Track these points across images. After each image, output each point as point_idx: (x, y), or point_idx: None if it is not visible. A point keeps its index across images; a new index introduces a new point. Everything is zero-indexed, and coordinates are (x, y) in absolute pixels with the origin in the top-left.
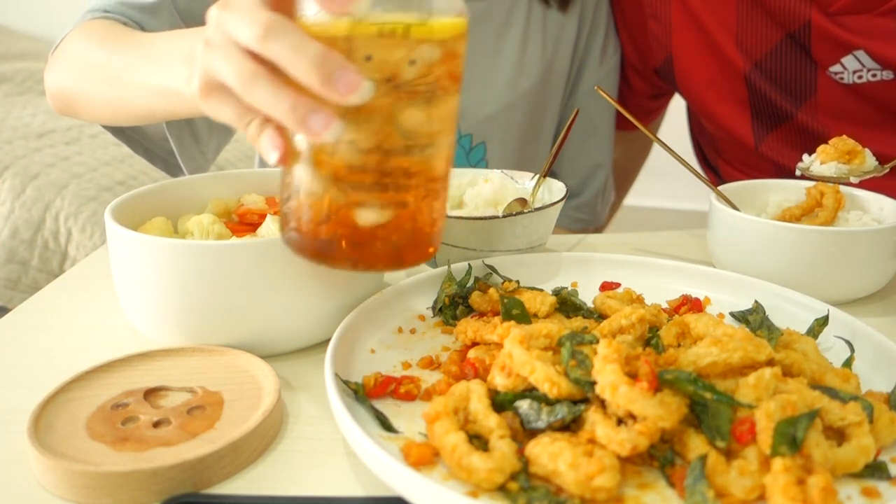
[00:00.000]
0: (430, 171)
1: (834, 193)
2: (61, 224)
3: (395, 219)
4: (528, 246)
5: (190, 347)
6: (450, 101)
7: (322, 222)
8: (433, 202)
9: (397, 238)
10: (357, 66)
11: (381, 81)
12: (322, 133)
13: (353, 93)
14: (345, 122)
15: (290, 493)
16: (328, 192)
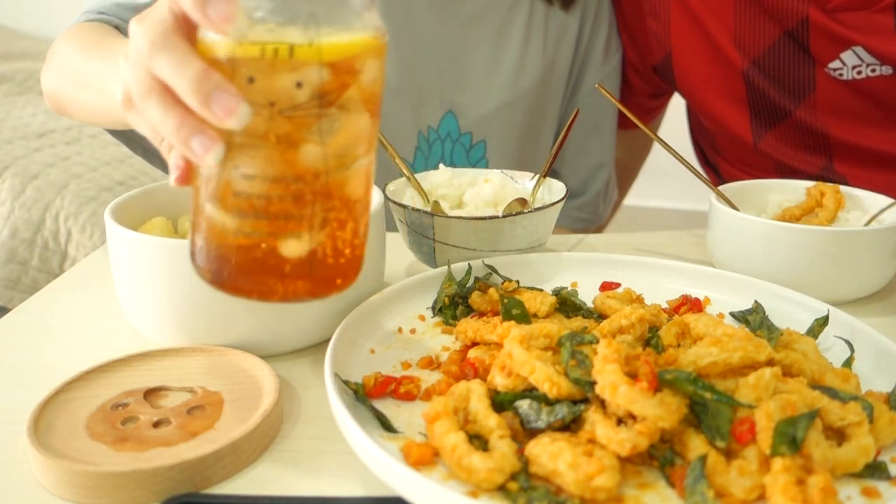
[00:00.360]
0: (326, 201)
1: (834, 193)
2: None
3: (285, 249)
4: (528, 246)
5: (190, 347)
6: (352, 127)
7: (214, 248)
8: (335, 232)
9: (290, 270)
10: (239, 88)
11: (264, 105)
12: (203, 156)
13: (230, 116)
14: (231, 146)
15: (290, 493)
16: (218, 219)
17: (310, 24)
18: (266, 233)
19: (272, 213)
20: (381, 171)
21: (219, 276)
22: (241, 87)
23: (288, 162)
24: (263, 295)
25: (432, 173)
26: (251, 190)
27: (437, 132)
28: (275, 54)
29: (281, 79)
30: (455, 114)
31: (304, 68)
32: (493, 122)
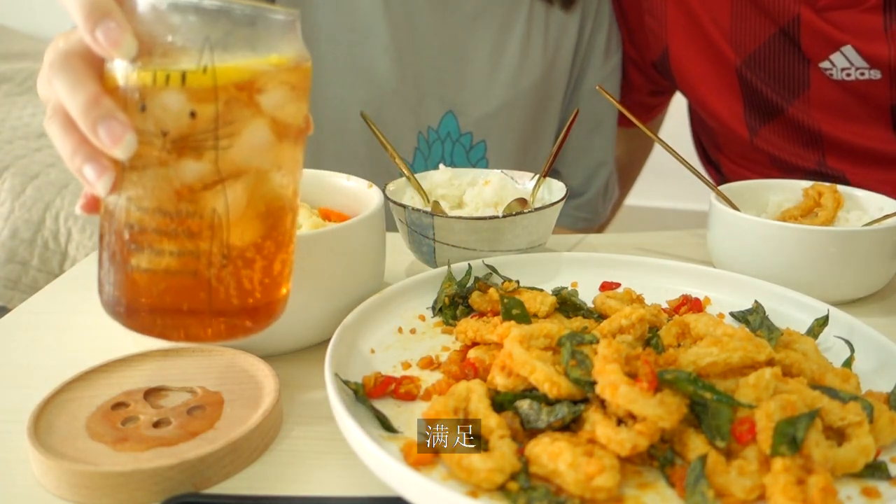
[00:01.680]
0: (226, 238)
1: (832, 193)
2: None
3: (183, 287)
4: (528, 246)
5: (190, 347)
6: (256, 158)
7: (115, 283)
8: (240, 271)
9: (190, 309)
10: (132, 115)
11: (157, 134)
12: (95, 184)
13: (116, 145)
14: (126, 176)
15: (290, 493)
16: (117, 251)
17: (205, 49)
18: (162, 269)
19: (167, 249)
20: (381, 171)
21: (118, 312)
22: (134, 114)
23: (182, 194)
24: (163, 334)
25: (432, 173)
26: (146, 223)
27: (437, 132)
28: (166, 81)
29: (173, 107)
30: (455, 114)
31: (198, 96)
32: (493, 122)
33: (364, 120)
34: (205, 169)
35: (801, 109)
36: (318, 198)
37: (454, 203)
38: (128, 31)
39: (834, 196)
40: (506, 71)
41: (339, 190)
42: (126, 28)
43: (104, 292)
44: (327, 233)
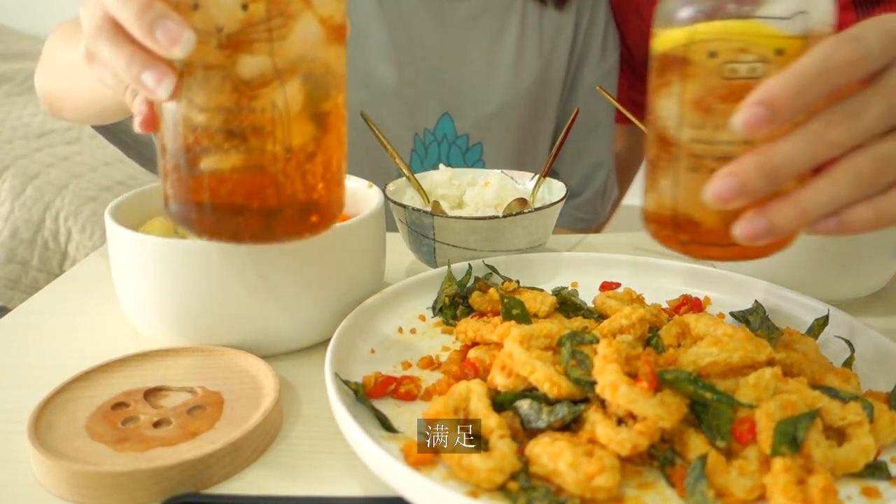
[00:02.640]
0: (288, 132)
1: None
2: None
3: (251, 185)
4: (528, 246)
5: (190, 347)
6: (313, 51)
7: (181, 191)
8: (303, 165)
9: (258, 208)
10: (184, 15)
11: (212, 32)
12: (156, 90)
13: (175, 45)
14: (186, 78)
15: (290, 493)
16: (181, 158)
17: None
18: (229, 168)
19: (233, 148)
20: (380, 173)
21: (188, 220)
22: (186, 14)
23: (242, 91)
24: (235, 236)
25: (432, 173)
26: (209, 124)
27: (434, 134)
28: None
29: (226, 1)
30: (451, 116)
31: None
32: (489, 123)
33: (364, 120)
34: (262, 63)
35: None
36: None
37: (454, 203)
38: None
39: None
40: (502, 73)
41: None
42: None
43: (171, 204)
44: (327, 233)
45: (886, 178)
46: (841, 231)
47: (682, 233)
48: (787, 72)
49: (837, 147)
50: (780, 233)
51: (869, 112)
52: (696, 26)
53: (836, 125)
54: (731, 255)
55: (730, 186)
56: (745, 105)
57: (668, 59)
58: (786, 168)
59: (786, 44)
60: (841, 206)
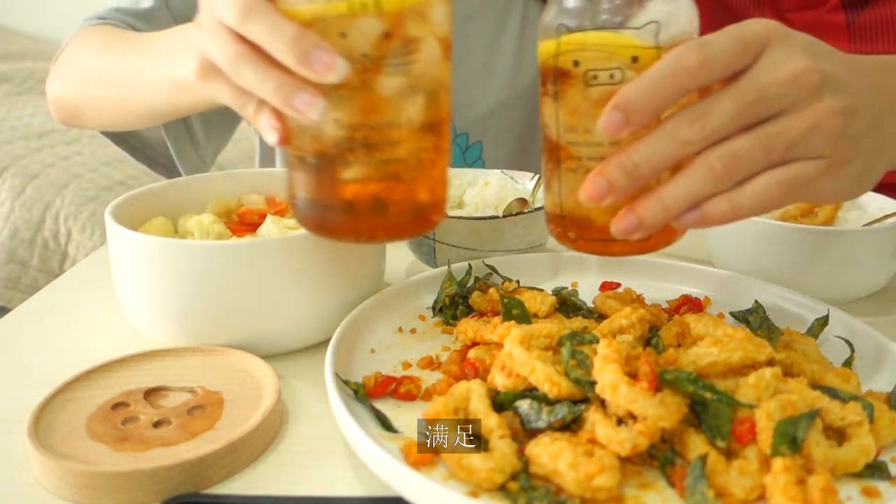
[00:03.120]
0: (419, 142)
1: None
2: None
3: (389, 189)
4: (528, 246)
5: (190, 347)
6: (435, 68)
7: (319, 197)
8: (430, 171)
9: (394, 209)
10: (332, 43)
11: (357, 58)
12: (307, 112)
13: (329, 71)
14: (330, 99)
15: (290, 493)
16: (320, 169)
17: None
18: (370, 177)
19: (373, 159)
20: None
21: (324, 224)
22: (335, 42)
23: (382, 108)
24: (371, 236)
25: None
26: (351, 137)
27: None
28: (363, 8)
29: (370, 31)
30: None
31: (391, 18)
32: (489, 122)
33: None
34: (398, 82)
35: None
36: None
37: (454, 203)
38: None
39: None
40: (501, 71)
41: None
42: None
43: (308, 210)
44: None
45: (738, 173)
46: (703, 223)
47: (571, 230)
48: (640, 77)
49: (690, 145)
50: (648, 227)
51: (719, 111)
52: (562, 38)
53: (689, 124)
54: (618, 251)
55: (598, 186)
56: (605, 110)
57: (544, 69)
58: (645, 166)
59: (640, 52)
60: (699, 200)
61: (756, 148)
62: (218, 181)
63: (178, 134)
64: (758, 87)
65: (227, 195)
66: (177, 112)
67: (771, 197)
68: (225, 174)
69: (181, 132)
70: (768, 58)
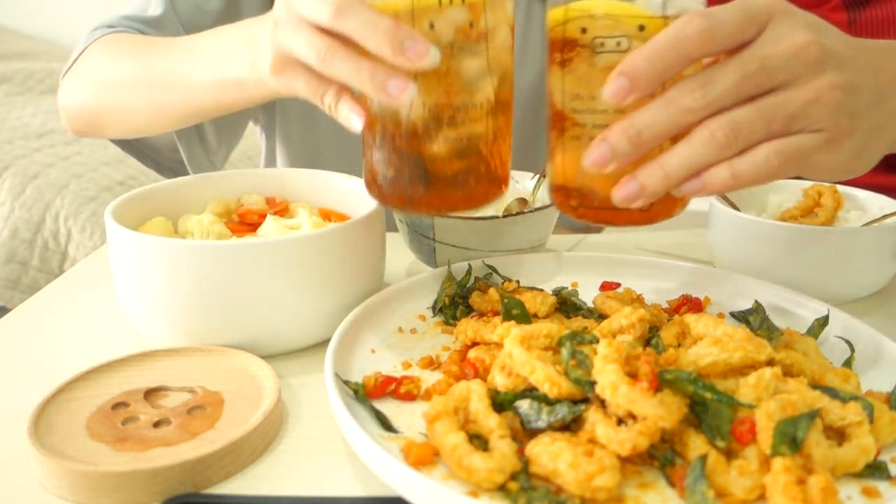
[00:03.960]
0: (494, 119)
1: (832, 193)
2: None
3: (469, 163)
4: (528, 246)
5: (190, 347)
6: (506, 53)
7: (404, 174)
8: (501, 146)
9: (473, 181)
10: (423, 34)
11: (445, 45)
12: (400, 96)
13: (423, 59)
14: (418, 83)
15: (290, 493)
16: (408, 148)
17: None
18: (454, 152)
19: (456, 135)
20: None
21: (410, 198)
22: (424, 33)
23: (464, 90)
24: (453, 207)
25: None
26: (440, 116)
27: None
28: (450, 2)
29: (456, 21)
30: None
31: (474, 9)
32: None
33: None
34: (480, 66)
35: None
36: (318, 198)
37: None
38: None
39: (834, 196)
40: None
41: (339, 190)
42: None
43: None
44: (327, 233)
45: (739, 142)
46: (704, 191)
47: (573, 198)
48: (646, 45)
49: (692, 113)
50: (649, 194)
51: (721, 80)
52: (571, 5)
53: (691, 92)
54: (620, 220)
55: (601, 152)
56: (610, 76)
57: (553, 37)
58: (648, 132)
59: (647, 21)
60: (700, 168)
61: (757, 118)
62: (218, 181)
63: (190, 139)
64: (760, 58)
65: (227, 195)
66: (219, 111)
67: (770, 167)
68: (225, 174)
69: (192, 137)
70: (772, 31)
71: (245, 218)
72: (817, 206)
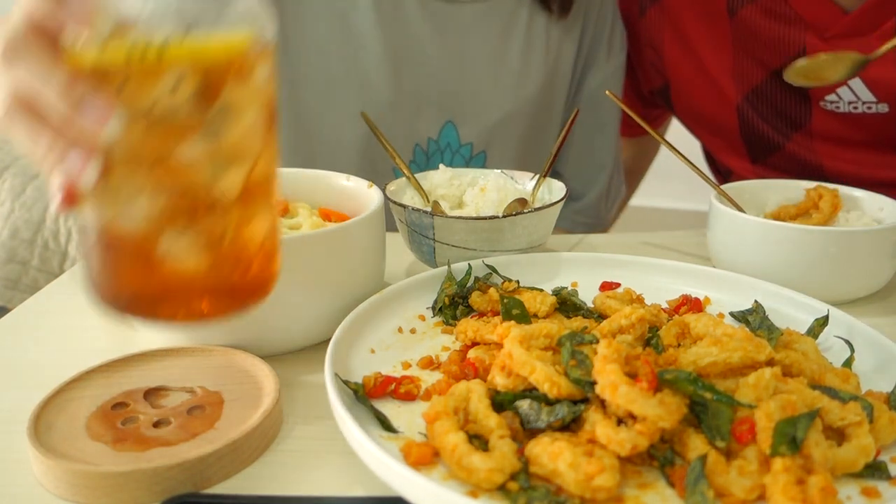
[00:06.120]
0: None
1: (832, 197)
2: (61, 224)
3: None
4: (528, 246)
5: (190, 347)
6: (239, 130)
7: (108, 273)
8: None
9: (193, 288)
10: (111, 95)
11: (140, 113)
12: (79, 175)
13: (102, 126)
14: (112, 160)
15: (290, 493)
16: (108, 241)
17: (180, 21)
18: (166, 251)
19: (167, 231)
20: (384, 171)
21: (116, 302)
22: (113, 94)
23: (172, 171)
24: (169, 317)
25: (432, 173)
26: (139, 205)
27: (437, 143)
28: (143, 57)
29: (153, 82)
30: (455, 124)
31: (178, 69)
32: (494, 131)
33: (364, 120)
34: (192, 143)
35: (800, 143)
36: (318, 198)
37: (454, 203)
38: (95, 7)
39: (833, 200)
40: (507, 80)
41: (339, 190)
42: (93, 3)
43: (97, 285)
44: (327, 233)
45: None
46: None
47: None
48: None
49: None
50: None
51: None
52: None
53: None
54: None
55: None
56: None
57: None
58: None
59: None
60: None
61: None
62: None
63: None
64: None
65: None
66: None
67: None
68: None
69: None
70: None
71: None
72: (814, 208)
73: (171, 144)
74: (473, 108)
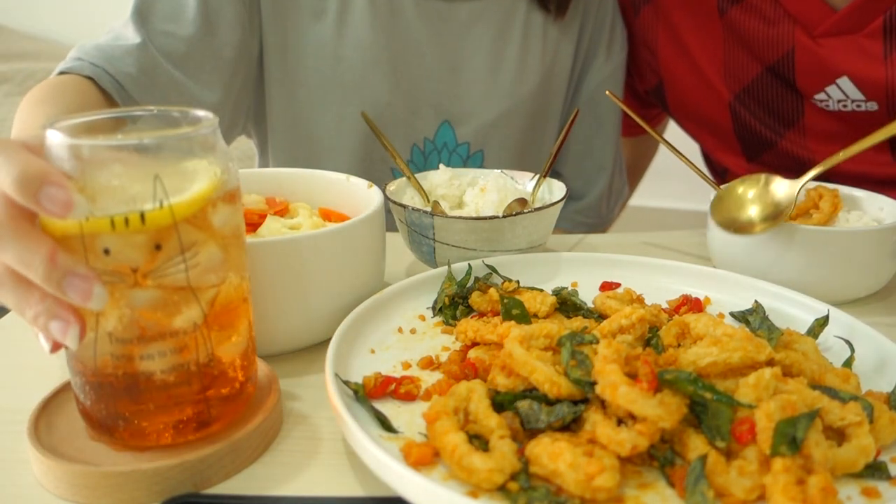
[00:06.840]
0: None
1: (832, 198)
2: None
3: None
4: (528, 246)
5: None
6: (218, 265)
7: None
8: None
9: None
10: (96, 260)
11: (127, 273)
12: (64, 339)
13: (87, 300)
14: (101, 315)
15: (290, 493)
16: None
17: (157, 186)
18: (159, 387)
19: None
20: (380, 172)
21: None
22: (98, 259)
23: (162, 317)
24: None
25: (432, 173)
26: (131, 351)
27: (434, 143)
28: (126, 224)
29: (138, 245)
30: (452, 124)
31: (160, 230)
32: (491, 131)
33: (365, 120)
34: (178, 292)
35: (793, 141)
36: (318, 198)
37: (454, 203)
38: (73, 190)
39: (833, 201)
40: (503, 79)
41: (339, 190)
42: (69, 188)
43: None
44: (327, 233)
45: None
46: None
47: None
48: None
49: None
50: None
51: None
52: None
53: None
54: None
55: None
56: None
57: None
58: None
59: None
60: None
61: None
62: None
63: None
64: None
65: None
66: None
67: None
68: None
69: None
70: None
71: (245, 218)
72: (814, 208)
73: (158, 295)
74: (470, 108)
